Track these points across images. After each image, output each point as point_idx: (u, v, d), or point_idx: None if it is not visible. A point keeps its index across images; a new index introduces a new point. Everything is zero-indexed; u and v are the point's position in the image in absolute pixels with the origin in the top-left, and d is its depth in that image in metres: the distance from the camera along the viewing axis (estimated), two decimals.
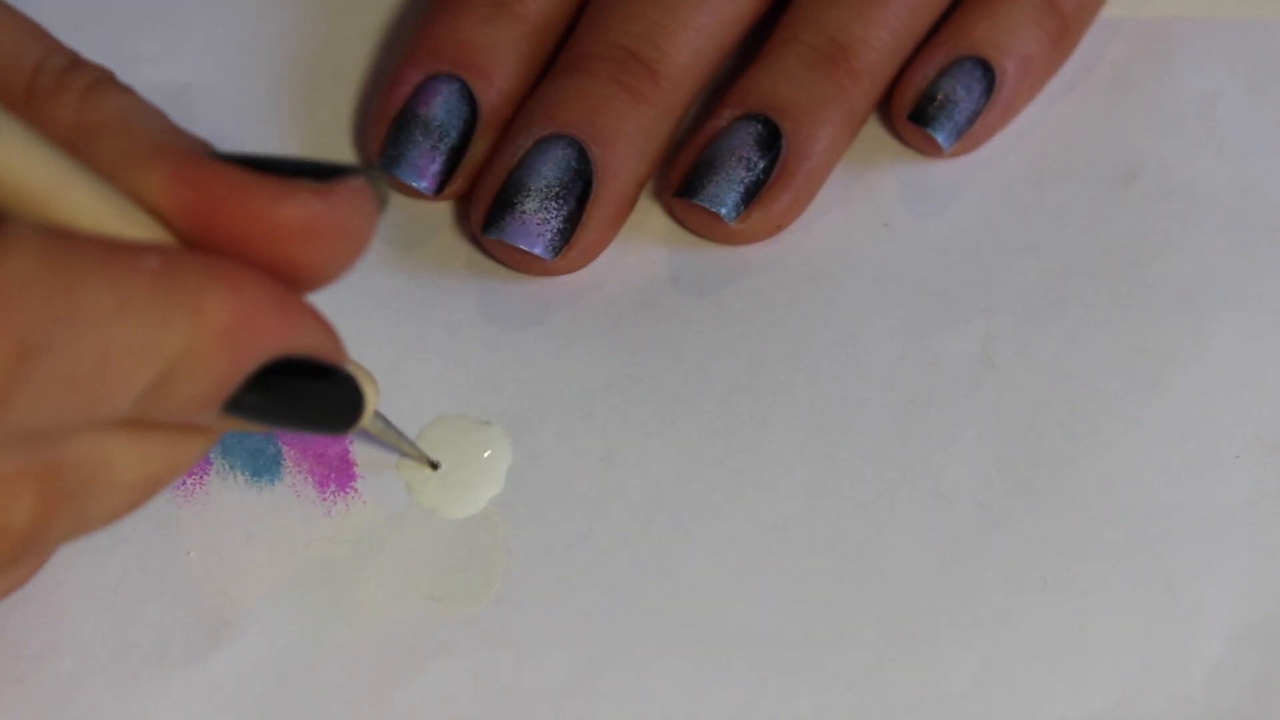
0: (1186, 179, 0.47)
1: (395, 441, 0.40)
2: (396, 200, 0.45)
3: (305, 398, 0.33)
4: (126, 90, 0.34)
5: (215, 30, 0.48)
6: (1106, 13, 0.48)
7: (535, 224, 0.43)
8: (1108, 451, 0.42)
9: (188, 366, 0.30)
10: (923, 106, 0.45)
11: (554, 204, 0.43)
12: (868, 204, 0.46)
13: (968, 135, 0.46)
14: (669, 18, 0.44)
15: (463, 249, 0.45)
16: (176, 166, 0.31)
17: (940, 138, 0.45)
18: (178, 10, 0.48)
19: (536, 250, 0.43)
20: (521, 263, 0.44)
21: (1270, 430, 0.43)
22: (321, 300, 0.43)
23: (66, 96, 0.33)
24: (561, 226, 0.43)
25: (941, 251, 0.45)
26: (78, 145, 0.32)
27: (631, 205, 0.44)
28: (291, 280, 0.32)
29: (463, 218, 0.45)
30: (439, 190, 0.44)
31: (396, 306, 0.44)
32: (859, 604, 0.40)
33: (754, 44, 0.46)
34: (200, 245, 0.31)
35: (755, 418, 0.43)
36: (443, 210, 0.45)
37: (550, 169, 0.43)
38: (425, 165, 0.44)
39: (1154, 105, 0.48)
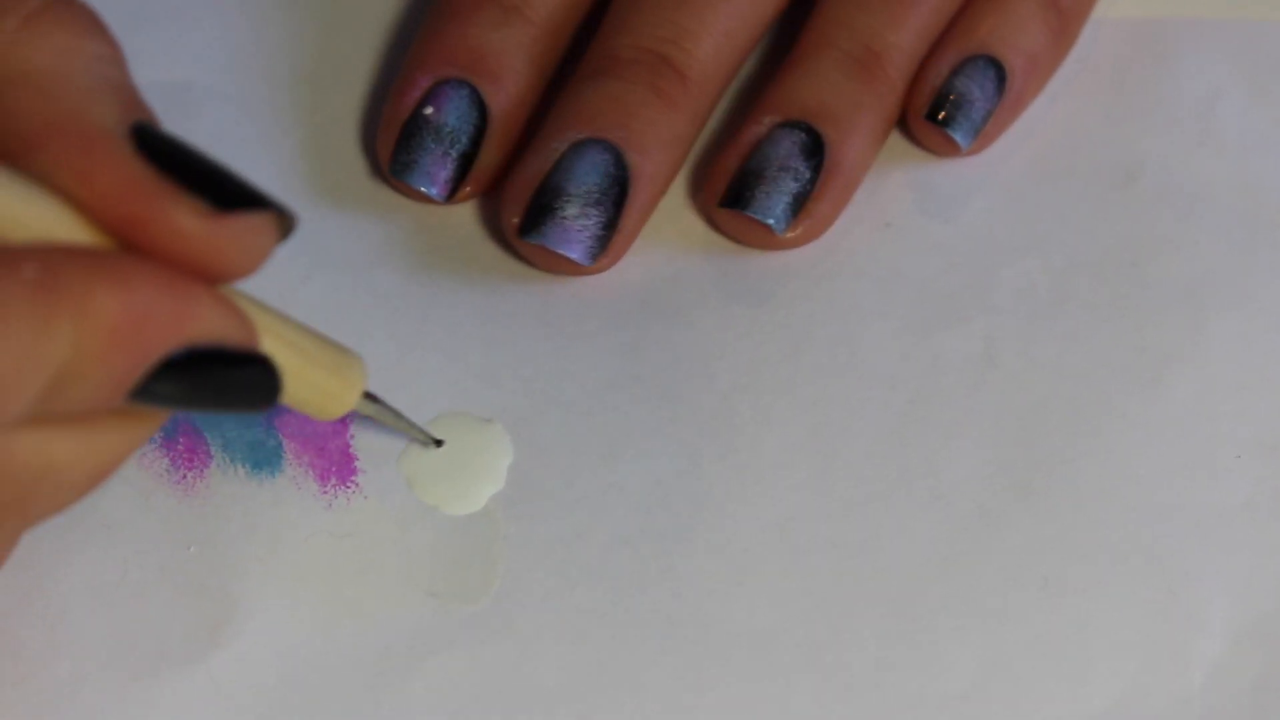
0: (1186, 179, 0.47)
1: (394, 423, 0.40)
2: (398, 200, 0.45)
3: (217, 382, 0.32)
4: (73, 25, 0.32)
5: (218, 30, 0.48)
6: (1107, 12, 0.48)
7: (575, 230, 0.43)
8: (1108, 451, 0.42)
9: (80, 369, 0.30)
10: (939, 106, 0.45)
11: (593, 210, 0.43)
12: (870, 205, 0.46)
13: (982, 133, 0.46)
14: (696, 22, 0.44)
15: (464, 247, 0.45)
16: (74, 152, 0.31)
17: (958, 137, 0.45)
18: (180, 9, 0.48)
19: (575, 255, 0.43)
20: (554, 265, 0.44)
21: (1270, 431, 0.43)
22: (323, 296, 0.43)
23: (7, 21, 0.32)
24: (600, 232, 0.43)
25: (943, 252, 0.45)
26: None
27: (655, 207, 0.45)
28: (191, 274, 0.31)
29: (462, 215, 0.45)
30: (450, 196, 0.44)
31: (397, 304, 0.44)
32: (859, 603, 0.40)
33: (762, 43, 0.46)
34: (109, 232, 0.31)
35: (756, 416, 0.43)
36: (443, 208, 0.45)
37: (590, 174, 0.43)
38: (437, 171, 0.44)
39: (1154, 105, 0.48)
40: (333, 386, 0.36)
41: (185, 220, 0.31)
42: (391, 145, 0.44)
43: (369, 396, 0.39)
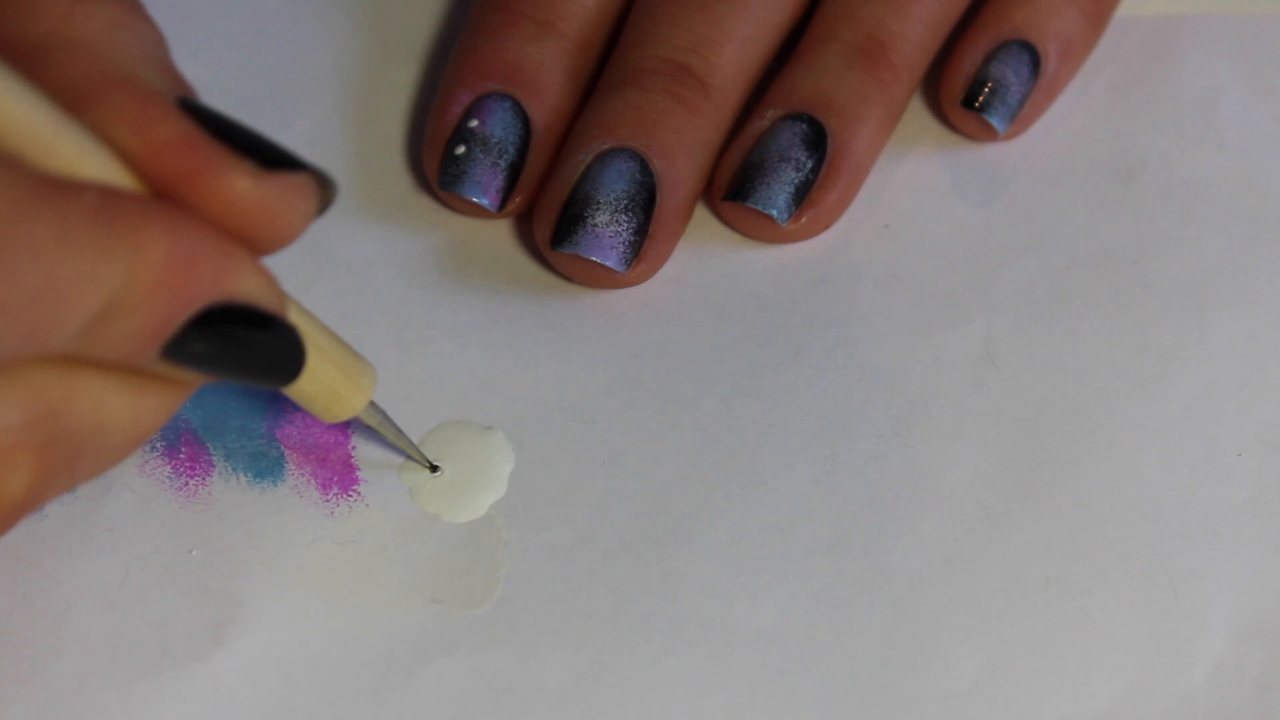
0: (1188, 176, 0.47)
1: (394, 438, 0.40)
2: (399, 208, 0.45)
3: (247, 347, 0.33)
4: (121, 5, 0.34)
5: (254, 41, 0.48)
6: None
7: (608, 237, 0.43)
8: (1110, 450, 0.42)
9: (127, 303, 0.30)
10: (975, 92, 0.46)
11: (624, 216, 0.43)
12: (868, 206, 0.46)
13: (1019, 117, 0.46)
14: (715, 30, 0.45)
15: (465, 253, 0.45)
16: (130, 107, 0.32)
17: (995, 121, 0.46)
18: (218, 18, 0.48)
19: (610, 262, 0.43)
20: (591, 276, 0.44)
21: (1272, 428, 0.43)
22: (324, 303, 0.43)
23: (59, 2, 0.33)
24: (632, 239, 0.43)
25: (942, 251, 0.45)
26: (49, 54, 0.32)
27: (689, 216, 0.45)
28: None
29: (463, 223, 0.45)
30: (501, 207, 0.44)
31: (399, 312, 0.44)
32: (861, 604, 0.40)
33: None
34: (155, 187, 0.32)
35: (757, 420, 0.43)
36: (443, 214, 0.45)
37: (618, 182, 0.43)
38: (489, 182, 0.44)
39: (1155, 102, 0.48)
40: (342, 388, 0.37)
41: (236, 178, 0.32)
42: (439, 159, 0.44)
43: (374, 407, 0.39)
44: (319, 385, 0.36)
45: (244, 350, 0.33)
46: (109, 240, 0.30)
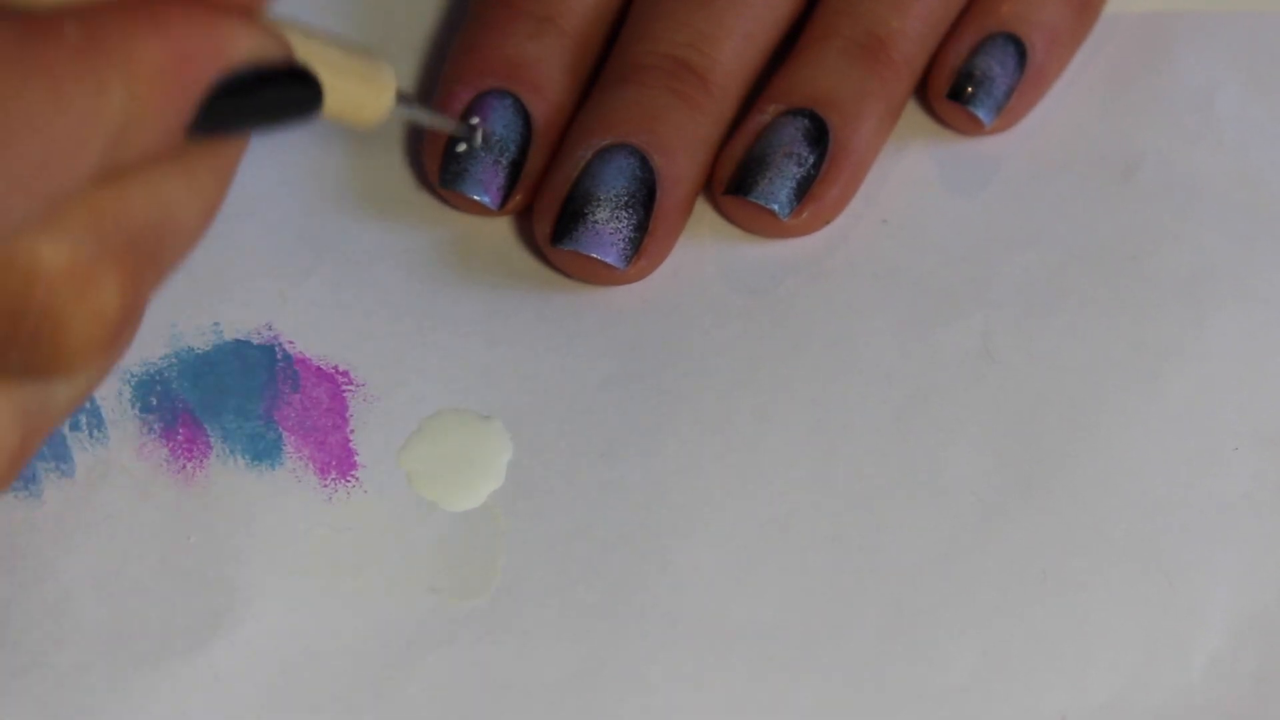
0: (1185, 172, 0.47)
1: (430, 121, 0.41)
2: (399, 199, 0.45)
3: (264, 99, 0.32)
4: None
5: None
6: (1105, 7, 0.48)
7: (608, 233, 0.43)
8: (1107, 445, 0.42)
9: (138, 118, 0.30)
10: (960, 85, 0.46)
11: (624, 213, 0.43)
12: (866, 200, 0.46)
13: (1006, 110, 0.46)
14: (715, 26, 0.45)
15: (464, 244, 0.45)
16: None
17: (981, 114, 0.46)
18: None
19: (610, 259, 0.43)
20: (590, 272, 0.44)
21: (1269, 423, 0.43)
22: (324, 292, 0.43)
23: None
24: (632, 235, 0.43)
25: (940, 247, 0.45)
26: None
27: (689, 212, 0.45)
28: None
29: (462, 217, 0.45)
30: (502, 204, 0.44)
31: (398, 301, 0.44)
32: (859, 598, 0.40)
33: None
34: None
35: (755, 413, 0.43)
36: (442, 210, 0.45)
37: (618, 178, 0.43)
38: (490, 180, 0.44)
39: (1153, 99, 0.48)
40: (363, 95, 0.36)
41: None
42: (439, 157, 0.44)
43: (403, 101, 0.38)
44: (342, 101, 0.36)
45: (263, 103, 0.32)
46: (101, 73, 0.29)
